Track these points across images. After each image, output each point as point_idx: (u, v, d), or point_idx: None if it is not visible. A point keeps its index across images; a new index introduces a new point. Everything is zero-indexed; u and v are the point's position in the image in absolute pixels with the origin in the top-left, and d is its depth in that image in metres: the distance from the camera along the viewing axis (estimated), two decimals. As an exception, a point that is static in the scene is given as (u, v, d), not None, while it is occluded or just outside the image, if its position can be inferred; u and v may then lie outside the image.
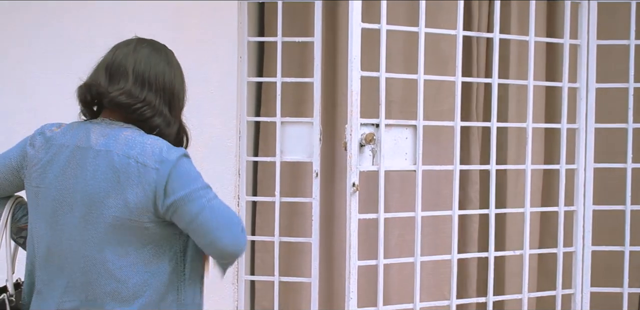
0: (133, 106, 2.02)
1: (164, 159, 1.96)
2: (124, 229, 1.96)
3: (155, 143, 1.99)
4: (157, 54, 2.13)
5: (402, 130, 3.37)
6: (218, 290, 3.55)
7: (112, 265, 1.97)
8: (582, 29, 3.70)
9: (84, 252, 1.98)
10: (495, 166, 3.57)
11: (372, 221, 3.40)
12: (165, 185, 1.95)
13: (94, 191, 1.95)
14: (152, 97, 2.05)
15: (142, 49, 2.11)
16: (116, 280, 1.98)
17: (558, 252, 3.71)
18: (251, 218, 3.89)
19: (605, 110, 3.84)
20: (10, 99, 3.54)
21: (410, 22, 3.57)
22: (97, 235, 1.97)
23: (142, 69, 2.06)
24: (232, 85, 3.55)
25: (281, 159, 3.60)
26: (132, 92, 2.03)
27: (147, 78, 2.06)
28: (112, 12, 3.50)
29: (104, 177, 1.95)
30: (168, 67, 2.12)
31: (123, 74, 2.05)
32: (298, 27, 3.84)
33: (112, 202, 1.95)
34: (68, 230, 1.99)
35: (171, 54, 2.20)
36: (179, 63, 2.21)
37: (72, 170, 1.99)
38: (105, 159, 1.96)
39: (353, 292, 3.26)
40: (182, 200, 1.96)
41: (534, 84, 3.63)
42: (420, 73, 3.36)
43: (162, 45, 2.21)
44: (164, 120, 2.08)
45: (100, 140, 1.99)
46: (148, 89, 2.05)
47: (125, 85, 2.03)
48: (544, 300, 3.95)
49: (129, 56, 2.08)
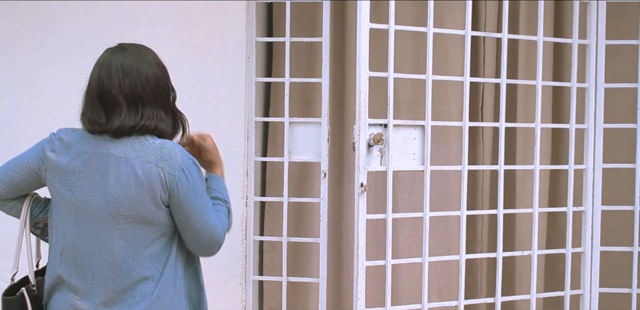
0: (133, 128, 2.16)
1: (181, 166, 2.16)
2: (148, 228, 2.17)
3: (171, 148, 2.17)
4: (133, 61, 2.19)
5: (410, 131, 3.36)
6: (226, 290, 3.56)
7: (136, 263, 2.18)
8: (590, 29, 3.69)
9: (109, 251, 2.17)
10: (504, 166, 3.57)
11: (380, 221, 3.40)
12: (177, 190, 2.16)
13: (119, 195, 2.13)
14: (148, 111, 2.18)
15: (118, 64, 2.18)
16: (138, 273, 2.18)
17: (567, 253, 3.70)
18: (259, 218, 3.89)
19: (612, 111, 3.83)
20: (18, 99, 3.55)
21: (419, 22, 3.56)
22: (121, 235, 2.17)
23: (128, 90, 2.16)
24: (241, 86, 3.55)
25: (289, 159, 3.60)
26: (129, 119, 2.15)
27: (137, 96, 2.16)
28: (120, 13, 3.51)
29: (127, 182, 2.13)
30: (149, 68, 2.20)
31: (116, 104, 2.16)
32: (306, 27, 3.84)
33: (136, 206, 2.14)
34: (93, 230, 2.17)
35: (142, 50, 2.26)
36: (154, 55, 2.26)
37: (93, 175, 2.16)
38: (127, 165, 2.14)
39: (361, 293, 3.26)
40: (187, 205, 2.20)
41: (542, 84, 3.62)
42: (429, 73, 3.36)
43: (130, 46, 2.27)
44: (163, 122, 2.21)
45: (119, 148, 2.15)
46: (141, 105, 2.17)
47: (121, 116, 2.15)
48: (553, 301, 3.94)
49: (111, 79, 2.17)
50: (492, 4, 3.97)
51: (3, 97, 3.54)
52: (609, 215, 3.76)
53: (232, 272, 3.56)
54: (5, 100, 3.54)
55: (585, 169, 3.72)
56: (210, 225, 2.23)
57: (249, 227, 3.61)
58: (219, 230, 2.26)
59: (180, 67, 3.50)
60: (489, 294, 3.95)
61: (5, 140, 3.54)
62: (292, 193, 3.67)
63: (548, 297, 3.88)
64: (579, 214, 3.76)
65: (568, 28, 3.80)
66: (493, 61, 4.02)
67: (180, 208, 2.18)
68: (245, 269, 3.60)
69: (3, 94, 3.55)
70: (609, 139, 3.76)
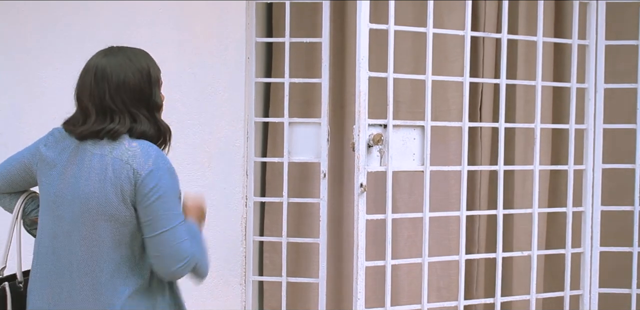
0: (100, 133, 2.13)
1: (152, 167, 2.09)
2: (115, 227, 2.10)
3: (148, 148, 2.12)
4: (110, 69, 2.16)
5: (410, 131, 3.37)
6: (226, 290, 3.56)
7: (103, 262, 2.10)
8: (590, 29, 3.69)
9: (78, 248, 2.12)
10: (503, 167, 3.57)
11: (380, 222, 3.40)
12: (147, 193, 2.08)
13: (88, 191, 2.09)
14: (120, 119, 2.13)
15: (94, 71, 2.16)
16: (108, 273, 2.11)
17: (566, 253, 3.70)
18: (259, 218, 3.89)
19: (612, 111, 3.83)
20: (18, 99, 3.55)
21: (418, 22, 3.56)
22: (89, 232, 2.11)
23: (98, 100, 2.13)
24: (240, 86, 3.55)
25: (289, 160, 3.60)
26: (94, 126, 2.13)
27: (107, 106, 2.13)
28: (120, 13, 3.51)
29: (97, 178, 2.09)
30: (128, 75, 2.16)
31: (88, 112, 2.14)
32: (306, 27, 3.84)
33: (104, 202, 2.09)
34: (66, 226, 2.13)
35: (129, 55, 2.21)
36: (141, 60, 2.21)
37: (71, 170, 2.14)
38: (101, 161, 2.11)
39: (361, 293, 3.26)
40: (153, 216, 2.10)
41: (542, 84, 3.62)
42: (428, 74, 3.36)
43: (117, 50, 2.24)
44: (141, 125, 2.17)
45: (96, 145, 2.13)
46: (110, 114, 2.13)
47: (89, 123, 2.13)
48: (552, 301, 3.94)
49: (85, 88, 2.16)
50: (492, 4, 3.98)
51: (3, 97, 3.54)
52: (610, 216, 3.77)
53: (232, 272, 3.56)
54: (5, 100, 3.54)
55: (585, 169, 3.72)
56: (178, 236, 2.09)
57: (248, 227, 3.61)
58: (187, 245, 2.10)
59: (180, 67, 3.51)
60: (486, 295, 3.95)
61: (5, 140, 3.54)
62: (291, 193, 3.67)
63: (547, 298, 3.88)
64: (579, 214, 3.76)
65: (568, 28, 3.80)
66: (492, 61, 4.02)
67: (144, 209, 2.08)
68: (245, 269, 3.61)
69: (3, 94, 3.55)
70: (608, 140, 3.77)
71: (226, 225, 3.56)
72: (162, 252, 2.09)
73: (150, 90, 2.19)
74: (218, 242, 3.53)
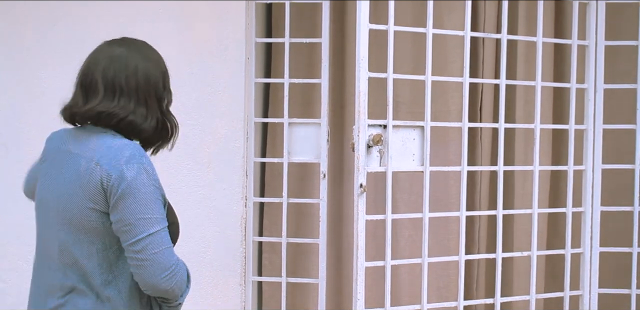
0: (104, 112, 2.03)
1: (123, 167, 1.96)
2: (88, 230, 1.99)
3: (123, 147, 2.00)
4: (129, 55, 2.09)
5: (409, 131, 3.37)
6: (225, 291, 3.56)
7: (77, 266, 2.00)
8: (590, 30, 3.69)
9: (57, 251, 2.03)
10: (503, 167, 3.57)
11: (380, 222, 3.40)
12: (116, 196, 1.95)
13: (63, 193, 2.01)
14: (125, 102, 2.04)
15: (110, 52, 2.10)
16: (82, 281, 2.00)
17: (566, 254, 3.70)
18: (259, 219, 3.89)
19: (612, 111, 3.83)
20: (18, 99, 3.55)
21: (418, 23, 3.56)
22: (65, 235, 2.01)
23: (110, 76, 2.04)
24: (240, 86, 3.55)
25: (289, 160, 3.60)
26: (103, 104, 2.03)
27: (117, 84, 2.05)
28: (120, 13, 3.51)
29: (70, 179, 2.00)
30: (142, 63, 2.09)
31: (94, 88, 2.05)
32: (306, 28, 3.84)
33: (76, 205, 1.98)
34: (48, 229, 2.07)
35: (142, 46, 2.16)
36: (154, 53, 2.17)
37: (52, 172, 2.07)
38: (75, 162, 2.01)
39: (360, 293, 3.26)
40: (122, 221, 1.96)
41: (542, 84, 3.62)
42: (428, 74, 3.36)
43: (131, 40, 2.18)
44: (140, 117, 2.06)
45: (76, 144, 2.05)
46: (120, 94, 2.04)
47: (95, 101, 2.04)
48: (552, 302, 3.94)
49: (98, 64, 2.08)
50: (492, 4, 3.97)
51: (3, 97, 3.54)
52: (610, 216, 3.77)
53: (231, 273, 3.56)
54: (5, 101, 3.54)
55: (585, 169, 3.72)
56: (159, 243, 1.94)
57: (248, 227, 3.61)
58: (170, 252, 1.97)
59: (179, 67, 3.50)
60: (487, 295, 3.95)
61: (5, 140, 3.54)
62: (291, 194, 3.67)
63: (548, 298, 3.88)
64: (578, 214, 3.76)
65: (568, 29, 3.79)
66: (492, 62, 4.01)
67: (118, 213, 1.94)
68: (245, 269, 3.60)
69: (3, 94, 3.55)
70: (609, 140, 3.77)
71: (225, 226, 3.56)
72: (142, 261, 1.93)
73: (164, 85, 2.13)
74: (217, 243, 3.53)
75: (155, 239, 1.94)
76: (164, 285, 1.96)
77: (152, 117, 2.09)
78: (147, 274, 1.94)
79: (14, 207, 3.33)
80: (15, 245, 3.40)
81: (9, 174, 3.41)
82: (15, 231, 3.38)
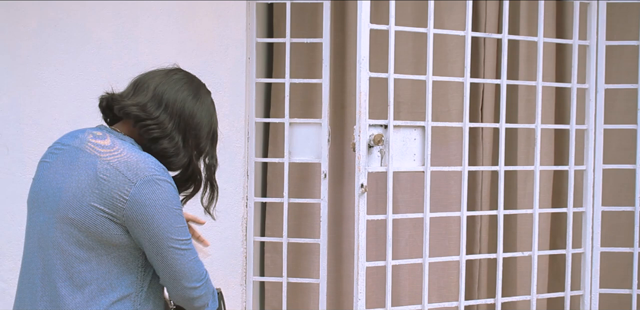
0: (142, 121, 2.02)
1: (145, 174, 1.93)
2: (90, 233, 1.93)
3: (142, 157, 1.97)
4: (185, 84, 2.10)
5: (410, 131, 3.37)
6: (227, 291, 3.55)
7: (71, 268, 1.95)
8: (590, 30, 3.69)
9: (48, 250, 1.98)
10: (504, 167, 3.57)
11: (381, 222, 3.40)
12: (133, 205, 1.92)
13: (70, 190, 1.95)
14: (164, 118, 2.02)
15: (173, 75, 2.11)
16: (73, 284, 1.96)
17: (567, 254, 3.70)
18: (260, 219, 3.89)
19: (612, 111, 3.83)
20: (19, 99, 3.54)
21: (418, 22, 3.57)
22: (63, 235, 1.95)
23: (163, 90, 2.05)
24: (241, 86, 3.55)
25: (290, 160, 3.60)
26: (146, 107, 2.02)
27: (165, 99, 2.04)
28: (121, 13, 3.51)
29: (80, 178, 1.95)
30: (192, 98, 2.08)
31: (144, 89, 2.05)
32: (306, 28, 3.84)
33: (83, 204, 1.93)
34: (38, 222, 2.01)
35: (203, 90, 2.15)
36: (210, 100, 2.15)
37: (58, 168, 2.00)
38: (89, 162, 1.96)
39: (361, 293, 3.26)
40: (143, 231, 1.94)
41: (542, 84, 3.62)
42: (429, 74, 3.36)
43: (198, 80, 2.17)
44: (173, 146, 2.04)
45: (91, 144, 1.99)
46: (164, 109, 2.03)
47: (142, 99, 2.03)
48: (555, 302, 3.94)
49: (156, 77, 2.09)
50: (493, 4, 3.98)
51: (3, 97, 3.54)
52: (612, 215, 3.77)
53: (232, 272, 3.56)
54: (5, 101, 3.53)
55: (586, 169, 3.72)
56: (189, 253, 1.97)
57: (249, 227, 3.61)
58: (200, 263, 2.00)
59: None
60: (489, 295, 3.96)
61: (5, 141, 3.53)
62: (292, 194, 3.67)
63: (554, 298, 3.87)
64: (580, 214, 3.76)
65: (569, 29, 3.80)
66: (493, 62, 4.02)
67: (143, 224, 1.92)
68: (246, 269, 3.60)
69: (3, 95, 3.54)
70: (610, 140, 3.77)
71: (227, 226, 3.56)
72: (174, 272, 1.94)
73: (207, 136, 2.10)
74: (218, 243, 3.53)
75: (183, 249, 1.96)
76: (202, 297, 2.02)
77: (185, 156, 2.07)
78: (181, 286, 1.98)
79: (14, 207, 3.33)
80: (16, 245, 3.39)
81: (9, 174, 3.41)
82: (16, 231, 3.38)
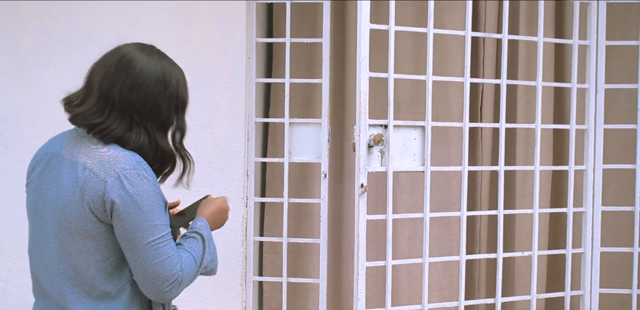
0: (93, 130, 1.94)
1: (116, 171, 1.89)
2: (86, 239, 1.92)
3: (114, 153, 1.92)
4: (137, 61, 1.97)
5: (410, 131, 3.37)
6: (226, 291, 3.56)
7: (75, 275, 1.93)
8: (590, 30, 3.69)
9: (49, 259, 1.97)
10: (504, 167, 3.57)
11: (381, 222, 3.40)
12: (112, 201, 1.88)
13: (59, 199, 1.93)
14: (114, 119, 1.93)
15: (121, 56, 1.98)
16: (78, 291, 1.94)
17: (567, 254, 3.70)
18: (259, 219, 3.89)
19: (613, 112, 3.83)
20: (19, 99, 3.54)
21: (418, 22, 3.56)
22: (60, 243, 1.94)
23: (107, 85, 1.94)
24: (241, 86, 3.55)
25: (289, 160, 3.60)
26: (91, 114, 1.94)
27: (111, 96, 1.93)
28: (121, 13, 3.51)
29: (65, 186, 1.92)
30: (148, 79, 1.95)
31: (92, 87, 1.96)
32: (306, 28, 3.84)
33: (72, 212, 1.91)
34: (40, 235, 1.99)
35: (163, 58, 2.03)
36: (175, 70, 2.03)
37: (47, 177, 1.98)
38: (70, 168, 1.93)
39: (361, 293, 3.26)
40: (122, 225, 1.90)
41: (542, 84, 3.62)
42: (429, 74, 3.36)
43: (156, 50, 2.05)
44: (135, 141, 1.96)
45: (69, 149, 1.96)
46: (111, 109, 1.94)
47: (90, 102, 1.95)
48: (555, 301, 3.94)
49: (99, 67, 1.98)
50: (492, 4, 3.98)
51: (3, 97, 3.54)
52: (612, 215, 3.77)
53: (232, 272, 3.56)
54: (5, 101, 3.54)
55: (585, 169, 3.72)
56: (161, 252, 1.89)
57: (249, 227, 3.61)
58: (173, 261, 1.91)
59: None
60: (488, 295, 3.95)
61: (5, 141, 3.53)
62: (292, 194, 3.67)
63: (554, 298, 3.87)
64: (580, 214, 3.76)
65: (569, 29, 3.79)
66: (493, 62, 4.02)
67: (118, 221, 1.88)
68: (245, 269, 3.60)
69: (3, 95, 3.54)
70: (610, 140, 3.76)
71: (226, 226, 3.50)
72: (144, 270, 1.89)
73: (168, 110, 1.98)
74: (218, 243, 3.49)
75: (155, 247, 1.89)
76: (169, 296, 1.93)
77: (151, 144, 1.98)
78: (149, 284, 1.91)
79: (14, 207, 3.33)
80: (17, 245, 3.39)
81: (9, 174, 3.41)
82: (16, 231, 3.37)
